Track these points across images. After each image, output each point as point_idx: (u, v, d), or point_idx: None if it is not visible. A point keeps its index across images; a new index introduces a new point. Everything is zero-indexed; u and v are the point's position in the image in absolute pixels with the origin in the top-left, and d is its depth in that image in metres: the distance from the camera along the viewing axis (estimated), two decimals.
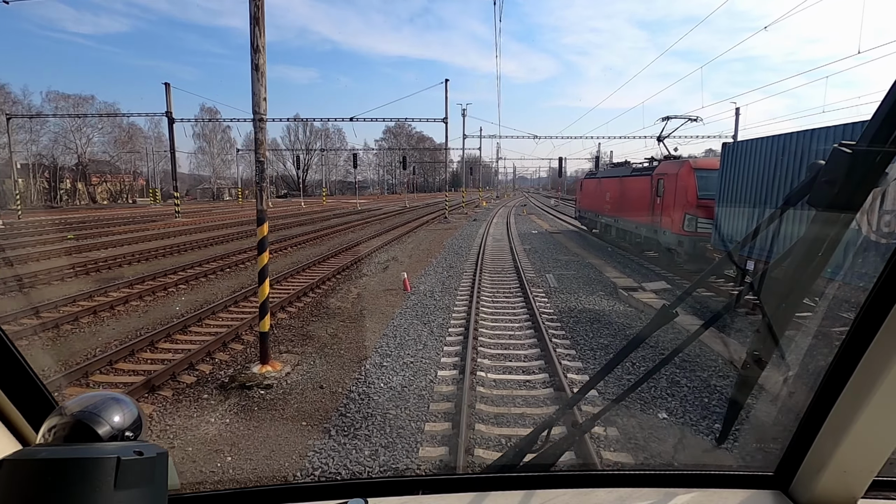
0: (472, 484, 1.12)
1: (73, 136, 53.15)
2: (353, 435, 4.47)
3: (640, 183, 13.94)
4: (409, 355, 6.46)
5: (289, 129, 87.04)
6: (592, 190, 19.95)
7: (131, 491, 0.59)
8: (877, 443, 0.89)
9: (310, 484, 1.16)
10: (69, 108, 50.19)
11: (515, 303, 9.33)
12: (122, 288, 10.09)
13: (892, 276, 0.77)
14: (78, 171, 53.95)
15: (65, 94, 51.78)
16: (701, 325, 1.13)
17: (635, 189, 14.31)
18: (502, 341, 7.11)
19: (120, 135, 57.83)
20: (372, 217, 33.14)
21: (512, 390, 5.47)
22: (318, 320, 8.27)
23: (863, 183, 0.80)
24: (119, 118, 55.01)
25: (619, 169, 17.31)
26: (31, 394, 0.93)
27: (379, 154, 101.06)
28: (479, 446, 4.28)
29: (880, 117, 0.76)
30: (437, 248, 17.16)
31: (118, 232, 22.11)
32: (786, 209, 0.96)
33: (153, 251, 15.40)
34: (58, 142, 52.01)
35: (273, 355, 6.19)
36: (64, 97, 51.61)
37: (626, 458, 4.06)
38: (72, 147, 53.64)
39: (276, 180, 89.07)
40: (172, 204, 31.84)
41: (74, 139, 53.57)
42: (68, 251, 15.59)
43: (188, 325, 7.66)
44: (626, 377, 5.48)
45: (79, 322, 7.94)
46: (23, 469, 0.58)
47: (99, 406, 0.68)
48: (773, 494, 1.06)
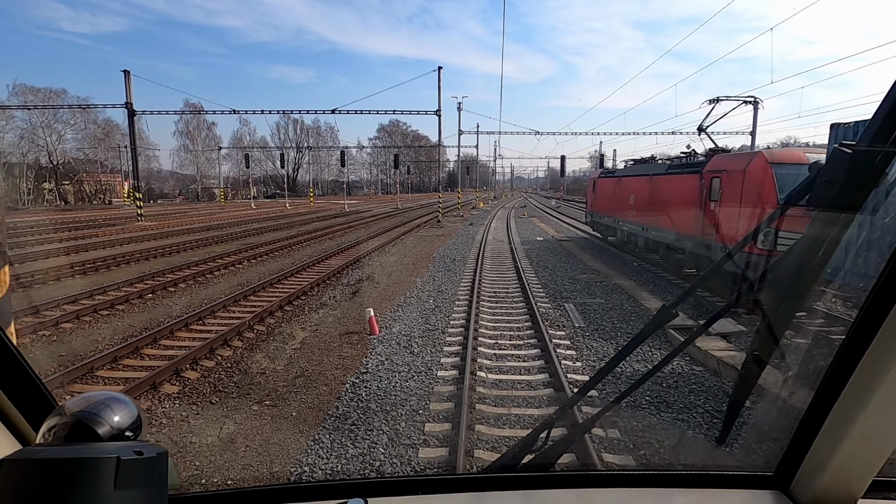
0: (472, 484, 1.13)
1: (42, 133, 49.79)
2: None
3: (684, 182, 10.92)
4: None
5: (278, 126, 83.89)
6: (610, 191, 16.91)
7: (131, 491, 0.59)
8: (877, 443, 0.89)
9: (310, 484, 1.15)
10: (39, 102, 46.84)
11: (530, 358, 6.31)
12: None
13: (892, 276, 0.77)
14: (48, 169, 50.57)
15: (34, 87, 48.46)
16: (701, 325, 1.17)
17: (676, 190, 11.28)
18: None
19: (95, 131, 54.44)
20: (358, 220, 30.06)
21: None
22: (221, 403, 5.21)
23: (863, 183, 0.81)
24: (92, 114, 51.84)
25: (647, 165, 14.24)
26: (31, 394, 0.93)
27: (373, 153, 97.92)
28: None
29: (880, 117, 0.77)
30: (425, 262, 14.12)
31: (52, 241, 18.95)
32: (786, 209, 1.00)
33: (73, 267, 12.30)
34: (24, 138, 48.63)
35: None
36: (33, 90, 48.27)
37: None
38: (41, 144, 50.28)
39: (266, 180, 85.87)
40: (142, 205, 28.67)
41: (44, 136, 50.21)
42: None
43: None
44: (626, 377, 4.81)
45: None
46: (23, 469, 0.58)
47: (99, 406, 0.68)
48: (773, 494, 1.05)
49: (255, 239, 19.93)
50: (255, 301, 9.36)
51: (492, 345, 6.84)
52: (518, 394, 5.28)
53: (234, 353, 6.62)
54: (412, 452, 4.09)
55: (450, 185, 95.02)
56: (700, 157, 11.45)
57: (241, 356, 6.51)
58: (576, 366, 6.11)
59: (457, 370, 5.82)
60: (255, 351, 6.71)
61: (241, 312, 8.43)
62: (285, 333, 7.48)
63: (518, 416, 4.73)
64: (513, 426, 4.57)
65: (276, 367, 6.11)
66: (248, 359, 6.39)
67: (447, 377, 5.66)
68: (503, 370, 5.94)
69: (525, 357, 6.37)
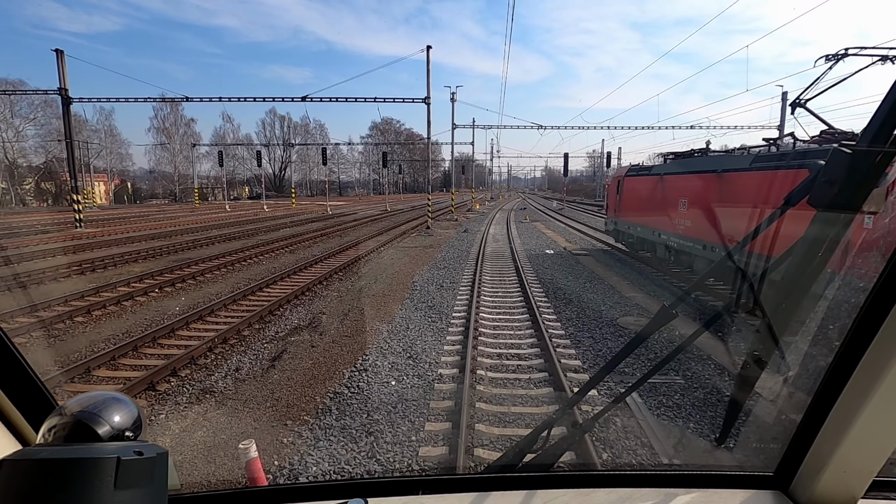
0: (472, 484, 1.12)
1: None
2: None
3: (787, 182, 7.14)
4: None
5: (263, 122, 79.76)
6: (646, 194, 13.08)
7: (131, 491, 0.59)
8: (877, 443, 0.89)
9: (310, 484, 1.16)
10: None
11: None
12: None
13: (892, 276, 0.77)
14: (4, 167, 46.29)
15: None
16: (701, 326, 1.14)
17: (770, 193, 7.48)
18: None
19: (60, 127, 50.06)
20: (337, 226, 26.15)
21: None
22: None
23: (863, 183, 0.80)
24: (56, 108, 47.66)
25: (710, 159, 10.38)
26: (31, 394, 0.93)
27: (365, 151, 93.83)
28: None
29: (880, 117, 0.76)
30: (400, 294, 10.26)
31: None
32: (786, 209, 0.96)
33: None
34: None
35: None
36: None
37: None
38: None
39: (252, 180, 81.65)
40: (81, 209, 24.64)
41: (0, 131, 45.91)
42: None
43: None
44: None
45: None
46: (23, 469, 0.58)
47: (99, 406, 0.68)
48: (773, 494, 1.06)
49: (196, 253, 16.01)
50: (98, 384, 5.48)
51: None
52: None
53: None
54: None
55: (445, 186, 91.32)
56: (808, 143, 7.68)
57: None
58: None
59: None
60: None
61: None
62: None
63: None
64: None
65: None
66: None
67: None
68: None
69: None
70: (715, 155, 10.82)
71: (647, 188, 12.96)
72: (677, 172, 11.23)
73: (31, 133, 49.12)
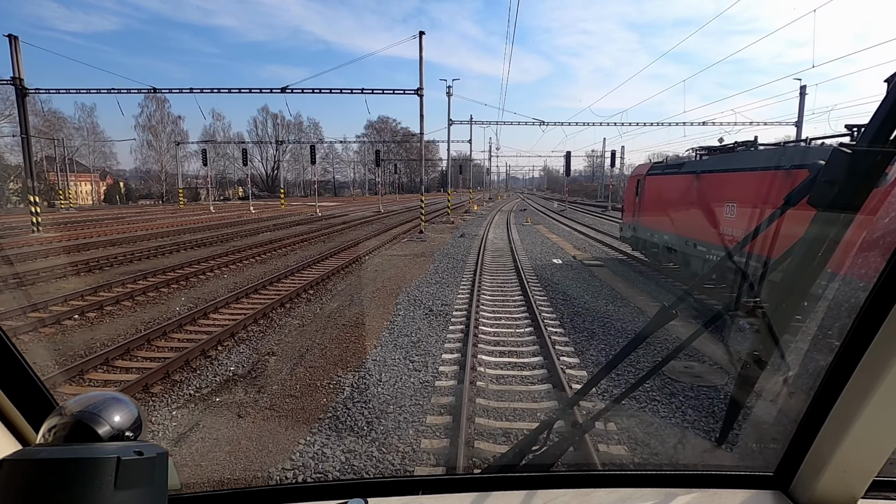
0: (473, 484, 1.11)
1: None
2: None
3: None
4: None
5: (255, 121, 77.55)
6: (675, 196, 11.01)
7: (131, 491, 0.59)
8: (877, 443, 0.88)
9: (310, 484, 1.15)
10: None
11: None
12: None
13: (892, 276, 0.76)
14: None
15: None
16: (701, 326, 1.12)
17: None
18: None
19: (36, 123, 47.77)
20: (323, 230, 24.06)
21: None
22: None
23: (863, 183, 0.80)
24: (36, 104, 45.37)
25: (762, 153, 8.34)
26: (31, 394, 0.92)
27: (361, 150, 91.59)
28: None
29: (880, 117, 0.76)
30: (380, 320, 8.19)
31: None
32: (786, 209, 0.95)
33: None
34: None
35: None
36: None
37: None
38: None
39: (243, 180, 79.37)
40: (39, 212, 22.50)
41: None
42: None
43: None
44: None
45: None
46: (23, 469, 0.57)
47: (99, 406, 0.67)
48: (773, 494, 1.04)
49: (152, 264, 13.91)
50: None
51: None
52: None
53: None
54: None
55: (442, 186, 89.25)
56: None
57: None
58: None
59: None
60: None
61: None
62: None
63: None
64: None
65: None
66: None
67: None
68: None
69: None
70: (767, 148, 8.80)
71: (678, 189, 10.88)
72: (723, 170, 9.17)
73: (7, 130, 46.78)
